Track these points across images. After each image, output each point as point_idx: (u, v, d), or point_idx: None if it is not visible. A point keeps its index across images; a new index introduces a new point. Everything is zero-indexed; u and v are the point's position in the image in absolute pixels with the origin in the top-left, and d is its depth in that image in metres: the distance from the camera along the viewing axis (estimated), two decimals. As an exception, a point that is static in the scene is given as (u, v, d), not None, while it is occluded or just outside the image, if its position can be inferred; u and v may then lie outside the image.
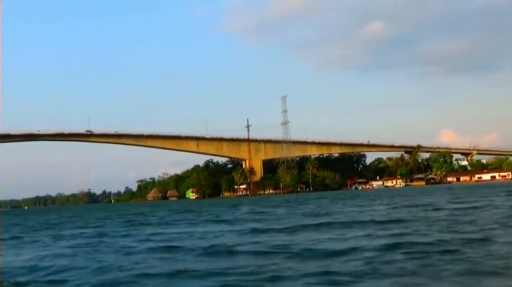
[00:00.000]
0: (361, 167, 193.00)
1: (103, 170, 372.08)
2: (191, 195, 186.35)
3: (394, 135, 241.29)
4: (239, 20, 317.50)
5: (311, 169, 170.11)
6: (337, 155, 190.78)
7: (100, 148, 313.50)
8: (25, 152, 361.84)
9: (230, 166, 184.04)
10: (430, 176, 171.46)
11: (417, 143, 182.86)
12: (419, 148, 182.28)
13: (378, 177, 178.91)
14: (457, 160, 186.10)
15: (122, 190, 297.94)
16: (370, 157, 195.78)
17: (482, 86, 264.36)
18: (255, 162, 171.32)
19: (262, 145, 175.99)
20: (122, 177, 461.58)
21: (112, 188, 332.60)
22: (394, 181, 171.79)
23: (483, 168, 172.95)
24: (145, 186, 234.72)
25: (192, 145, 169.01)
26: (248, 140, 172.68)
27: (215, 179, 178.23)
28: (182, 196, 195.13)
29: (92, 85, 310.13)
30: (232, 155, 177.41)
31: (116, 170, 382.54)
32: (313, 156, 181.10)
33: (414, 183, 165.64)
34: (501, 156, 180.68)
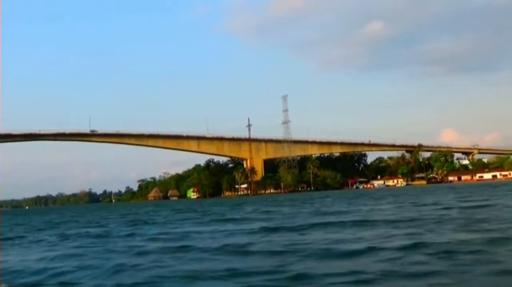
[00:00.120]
0: (362, 167, 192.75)
1: (104, 170, 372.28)
2: (192, 195, 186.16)
3: (395, 135, 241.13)
4: (239, 20, 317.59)
5: (312, 169, 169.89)
6: (338, 155, 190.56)
7: (101, 148, 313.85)
8: (26, 152, 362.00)
9: (231, 166, 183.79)
10: (431, 175, 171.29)
11: (418, 143, 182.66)
12: (420, 147, 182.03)
13: (379, 177, 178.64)
14: (458, 159, 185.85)
15: (123, 190, 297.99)
16: (371, 157, 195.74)
17: (483, 86, 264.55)
18: (256, 162, 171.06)
19: (263, 145, 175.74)
20: (123, 177, 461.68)
21: (113, 188, 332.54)
22: (395, 181, 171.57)
23: (484, 167, 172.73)
24: (146, 186, 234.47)
25: (193, 145, 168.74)
26: (249, 140, 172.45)
27: (216, 179, 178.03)
28: (183, 196, 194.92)
29: (93, 85, 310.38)
30: (233, 155, 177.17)
31: (117, 170, 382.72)
32: (314, 156, 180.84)
33: (415, 183, 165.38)
34: (502, 155, 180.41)
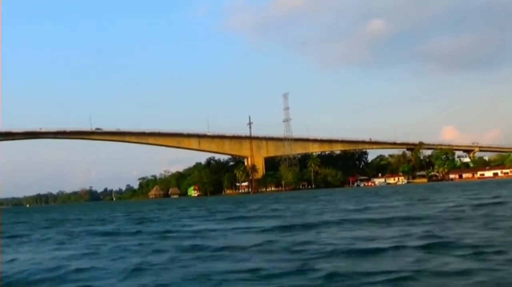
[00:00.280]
0: (363, 165, 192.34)
1: (105, 168, 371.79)
2: (193, 193, 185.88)
3: (396, 132, 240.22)
4: (240, 19, 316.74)
5: (313, 167, 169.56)
6: (339, 152, 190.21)
7: (102, 146, 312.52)
8: (27, 150, 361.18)
9: (232, 164, 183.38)
10: (432, 173, 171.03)
11: (419, 140, 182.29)
12: (421, 145, 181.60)
13: (380, 174, 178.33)
14: (459, 157, 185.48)
15: (124, 188, 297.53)
16: (372, 154, 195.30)
17: (483, 84, 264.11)
18: (257, 160, 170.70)
19: (264, 143, 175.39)
20: (124, 175, 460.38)
21: (113, 186, 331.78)
22: (396, 178, 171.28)
23: (486, 165, 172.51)
24: (147, 184, 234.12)
25: (194, 143, 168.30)
26: (250, 138, 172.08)
27: (217, 177, 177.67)
28: (184, 194, 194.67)
29: (94, 84, 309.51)
30: (234, 153, 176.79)
31: (117, 168, 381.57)
32: (315, 153, 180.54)
33: (416, 180, 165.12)
34: (503, 153, 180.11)
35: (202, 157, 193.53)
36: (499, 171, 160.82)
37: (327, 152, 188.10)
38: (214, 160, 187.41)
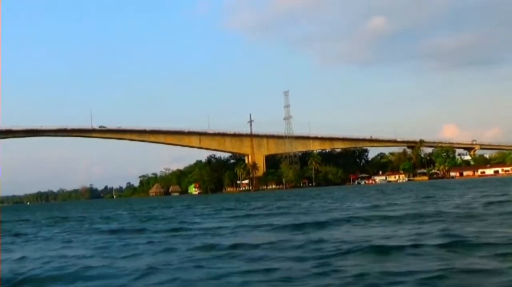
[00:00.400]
0: (364, 162, 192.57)
1: (105, 166, 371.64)
2: (194, 191, 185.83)
3: (397, 130, 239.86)
4: (241, 18, 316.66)
5: (314, 164, 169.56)
6: (340, 150, 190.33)
7: (102, 144, 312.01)
8: (27, 148, 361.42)
9: (233, 162, 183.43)
10: (433, 171, 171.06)
11: (420, 138, 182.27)
12: (422, 143, 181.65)
13: (381, 172, 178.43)
14: (460, 155, 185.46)
15: (124, 186, 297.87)
16: (373, 152, 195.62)
17: (484, 81, 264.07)
18: (258, 157, 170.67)
19: (265, 140, 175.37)
20: (124, 173, 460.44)
21: (114, 184, 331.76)
22: (397, 176, 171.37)
23: (486, 163, 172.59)
24: (147, 182, 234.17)
25: (195, 141, 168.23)
26: (251, 135, 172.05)
27: (218, 175, 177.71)
28: (185, 192, 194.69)
29: (94, 83, 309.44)
30: (235, 151, 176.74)
31: (118, 166, 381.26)
32: (316, 151, 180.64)
33: (417, 178, 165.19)
34: (504, 151, 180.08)
35: (203, 155, 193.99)
36: (500, 169, 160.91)
37: (328, 150, 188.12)
38: (215, 158, 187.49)
